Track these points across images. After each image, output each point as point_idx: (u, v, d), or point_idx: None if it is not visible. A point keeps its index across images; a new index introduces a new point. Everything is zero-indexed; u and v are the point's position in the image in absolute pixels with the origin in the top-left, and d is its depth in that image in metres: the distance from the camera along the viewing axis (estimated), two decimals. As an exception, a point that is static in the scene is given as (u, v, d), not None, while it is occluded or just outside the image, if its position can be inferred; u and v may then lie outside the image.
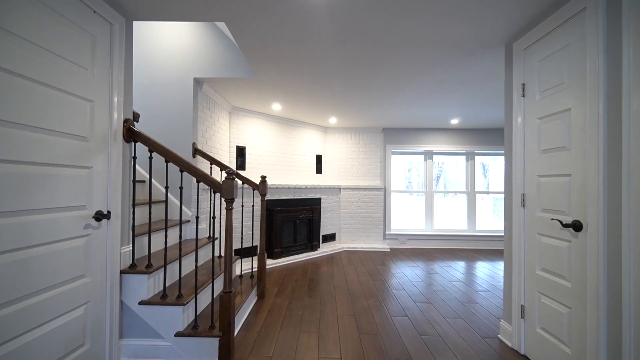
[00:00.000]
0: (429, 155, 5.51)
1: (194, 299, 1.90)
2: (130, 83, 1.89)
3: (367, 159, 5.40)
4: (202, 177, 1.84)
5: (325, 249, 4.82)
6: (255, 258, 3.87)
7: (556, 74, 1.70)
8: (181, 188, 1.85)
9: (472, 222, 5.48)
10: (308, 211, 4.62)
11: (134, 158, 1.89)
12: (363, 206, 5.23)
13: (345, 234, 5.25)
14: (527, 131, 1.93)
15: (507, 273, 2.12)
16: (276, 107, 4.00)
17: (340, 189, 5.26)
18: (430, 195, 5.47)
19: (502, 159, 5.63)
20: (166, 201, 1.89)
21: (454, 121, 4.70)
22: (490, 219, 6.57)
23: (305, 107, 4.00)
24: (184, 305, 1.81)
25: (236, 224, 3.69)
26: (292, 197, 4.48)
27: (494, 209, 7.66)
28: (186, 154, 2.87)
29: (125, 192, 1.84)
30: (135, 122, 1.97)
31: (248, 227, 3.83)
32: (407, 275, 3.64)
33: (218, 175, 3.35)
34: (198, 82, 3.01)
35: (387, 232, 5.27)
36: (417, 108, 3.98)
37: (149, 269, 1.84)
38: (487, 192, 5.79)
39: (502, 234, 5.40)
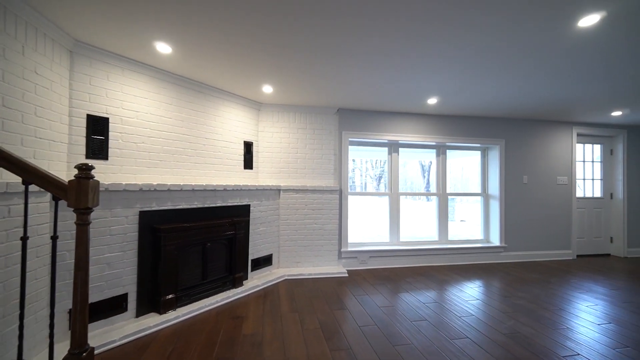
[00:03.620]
0: (394, 147, 4.32)
1: None
2: None
3: (318, 149, 3.96)
4: None
5: (256, 280, 3.23)
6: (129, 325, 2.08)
7: None
8: None
9: (444, 231, 4.47)
10: (228, 226, 2.98)
11: None
12: (312, 214, 3.78)
13: (287, 255, 3.73)
14: None
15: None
16: (163, 48, 2.27)
17: (279, 190, 3.72)
18: (396, 198, 4.29)
19: (461, 154, 4.75)
20: None
21: (432, 101, 3.55)
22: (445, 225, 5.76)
23: (215, 50, 2.37)
24: None
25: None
26: (201, 206, 2.79)
27: (450, 210, 6.89)
28: None
29: None
30: None
31: (113, 260, 2.05)
32: (381, 329, 2.29)
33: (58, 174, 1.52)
34: None
35: (343, 249, 3.90)
36: (389, 74, 2.67)
37: None
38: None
39: (479, 245, 4.42)
